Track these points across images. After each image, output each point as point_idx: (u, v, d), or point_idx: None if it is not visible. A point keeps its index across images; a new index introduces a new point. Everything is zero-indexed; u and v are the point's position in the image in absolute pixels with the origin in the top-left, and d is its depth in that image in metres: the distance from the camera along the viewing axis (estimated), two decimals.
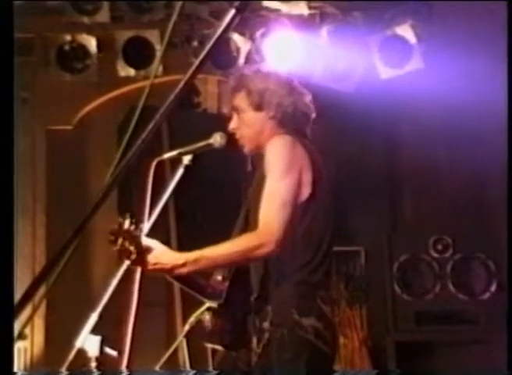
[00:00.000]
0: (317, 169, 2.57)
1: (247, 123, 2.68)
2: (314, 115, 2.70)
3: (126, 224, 2.43)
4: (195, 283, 2.68)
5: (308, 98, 2.70)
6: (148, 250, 2.46)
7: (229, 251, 2.46)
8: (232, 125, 2.72)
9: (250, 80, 2.67)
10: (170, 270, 2.47)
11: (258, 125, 2.66)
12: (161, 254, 2.48)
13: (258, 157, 2.72)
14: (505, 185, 3.73)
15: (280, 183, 2.49)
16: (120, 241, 2.42)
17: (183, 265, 2.44)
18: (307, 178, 2.53)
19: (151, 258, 2.46)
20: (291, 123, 2.64)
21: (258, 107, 2.65)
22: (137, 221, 2.48)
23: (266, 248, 2.42)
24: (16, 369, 4.66)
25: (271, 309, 2.51)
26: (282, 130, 2.63)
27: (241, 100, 2.67)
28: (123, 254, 2.43)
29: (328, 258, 2.59)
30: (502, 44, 3.74)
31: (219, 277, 2.62)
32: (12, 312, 1.50)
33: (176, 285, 4.08)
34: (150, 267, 2.47)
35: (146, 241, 2.49)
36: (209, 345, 2.67)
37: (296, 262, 2.53)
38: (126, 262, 2.49)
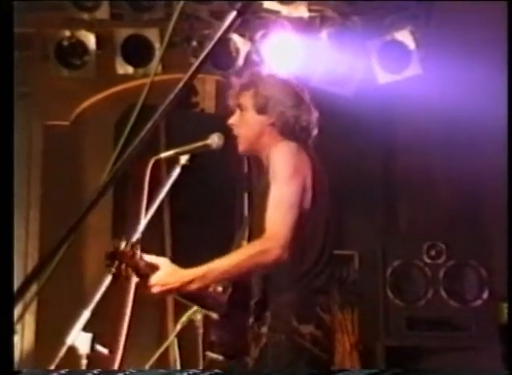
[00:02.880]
0: (318, 177, 2.58)
1: (247, 122, 2.68)
2: (316, 132, 2.70)
3: (122, 246, 2.38)
4: (196, 295, 2.65)
5: (314, 115, 2.69)
6: (152, 270, 2.42)
7: (237, 261, 2.44)
8: (233, 120, 2.72)
9: (261, 81, 2.68)
10: (179, 289, 2.45)
11: (258, 128, 2.66)
12: (167, 274, 2.44)
13: (258, 161, 2.72)
14: (500, 192, 3.73)
15: (286, 188, 2.49)
16: (116, 263, 2.39)
17: (192, 282, 2.42)
18: (309, 187, 2.54)
19: (158, 280, 2.42)
20: (290, 134, 2.63)
21: (261, 110, 2.66)
22: (135, 243, 2.43)
23: (274, 253, 2.41)
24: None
25: (270, 315, 2.51)
26: (281, 138, 2.63)
27: (247, 99, 2.68)
28: (121, 277, 2.39)
29: (329, 265, 2.59)
30: (500, 51, 3.75)
31: (220, 288, 2.60)
32: (12, 308, 1.50)
33: None
34: (158, 290, 2.43)
35: (151, 259, 2.45)
36: (211, 355, 2.66)
37: (298, 268, 2.53)
38: (131, 287, 2.42)
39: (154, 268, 2.44)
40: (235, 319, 2.60)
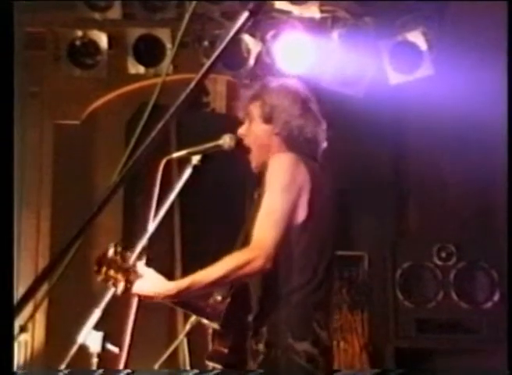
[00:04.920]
0: (317, 192, 2.53)
1: (255, 133, 2.69)
2: (325, 144, 2.68)
3: (110, 253, 2.39)
4: (194, 304, 2.66)
5: (322, 126, 2.68)
6: (138, 277, 2.42)
7: (221, 271, 2.41)
8: (242, 131, 2.73)
9: (268, 92, 2.68)
10: (163, 299, 2.46)
11: (265, 138, 2.66)
12: (151, 285, 2.44)
13: (261, 173, 2.72)
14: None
15: (277, 199, 2.46)
16: (104, 269, 2.40)
17: (177, 294, 2.42)
18: (305, 200, 2.50)
19: (142, 289, 2.43)
20: (296, 144, 2.62)
21: (267, 120, 2.65)
22: (126, 249, 2.43)
23: (256, 262, 2.38)
24: (15, 362, 4.66)
25: (266, 330, 2.49)
26: (288, 149, 2.62)
27: (255, 109, 2.68)
28: (108, 283, 2.40)
29: (328, 279, 2.56)
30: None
31: (219, 297, 2.59)
32: (12, 309, 1.50)
33: None
34: (142, 297, 2.46)
35: (140, 269, 2.45)
36: (210, 364, 2.65)
37: (294, 282, 2.50)
38: (117, 291, 2.42)
39: (138, 275, 2.43)
40: (233, 331, 2.59)
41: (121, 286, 2.40)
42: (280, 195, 2.47)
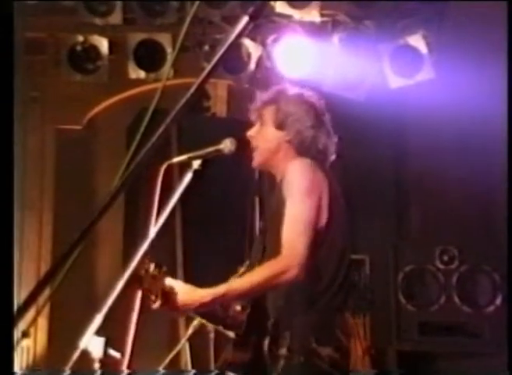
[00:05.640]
0: (334, 194, 2.57)
1: (265, 136, 2.70)
2: (333, 157, 2.70)
3: (151, 269, 2.42)
4: (215, 315, 2.65)
5: (333, 140, 2.70)
6: (172, 292, 2.44)
7: (256, 281, 2.44)
8: (252, 132, 2.74)
9: (284, 98, 2.69)
10: (198, 308, 2.46)
11: (275, 143, 2.67)
12: (186, 295, 2.45)
13: (271, 178, 2.72)
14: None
15: (302, 205, 2.48)
16: (146, 286, 2.42)
17: (212, 301, 2.43)
18: (325, 203, 2.53)
19: (178, 301, 2.44)
20: (306, 154, 2.63)
21: (280, 126, 2.67)
22: (160, 265, 2.46)
23: (291, 272, 2.40)
24: (17, 367, 4.66)
25: (289, 336, 2.49)
26: (298, 155, 2.63)
27: (268, 113, 2.69)
28: (147, 299, 2.43)
29: (346, 283, 2.58)
30: None
31: (238, 308, 2.59)
32: (12, 315, 1.50)
33: None
34: (178, 310, 2.45)
35: (169, 281, 2.47)
36: (230, 374, 2.65)
37: (318, 287, 2.52)
38: (154, 306, 2.45)
39: (171, 290, 2.45)
40: (252, 339, 2.59)
41: (158, 302, 2.42)
42: (304, 201, 2.48)
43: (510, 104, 3.55)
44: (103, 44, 4.82)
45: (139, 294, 2.63)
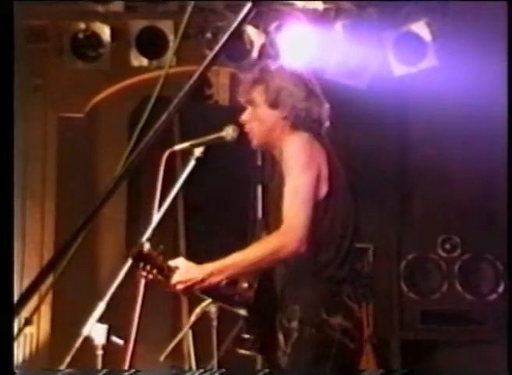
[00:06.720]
0: (333, 166, 2.57)
1: (259, 118, 2.67)
2: (327, 124, 2.69)
3: (146, 248, 2.42)
4: (222, 293, 2.65)
5: (325, 107, 2.68)
6: (174, 270, 2.45)
7: (256, 255, 2.45)
8: (244, 117, 2.71)
9: (271, 75, 2.66)
10: (201, 282, 2.46)
11: (270, 122, 2.65)
12: (188, 270, 2.47)
13: (271, 156, 2.71)
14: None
15: (300, 179, 2.48)
16: (141, 265, 2.43)
17: (212, 274, 2.44)
18: (325, 174, 2.53)
19: (181, 277, 2.45)
20: (303, 126, 2.62)
21: (273, 105, 2.64)
22: (157, 244, 2.46)
23: (292, 246, 2.41)
24: (20, 355, 4.68)
25: (299, 308, 2.50)
26: (293, 131, 2.62)
27: (258, 94, 2.66)
28: (147, 278, 2.44)
29: (351, 253, 2.59)
30: None
31: (245, 285, 2.60)
32: (12, 306, 1.50)
33: None
34: (182, 286, 2.46)
35: (171, 261, 2.48)
36: (242, 351, 2.66)
37: (321, 259, 2.52)
38: (158, 286, 2.47)
39: (174, 268, 2.46)
40: (262, 314, 2.59)
41: (159, 280, 2.44)
42: (303, 175, 2.48)
43: (510, 93, 3.54)
44: (105, 32, 4.80)
45: (142, 282, 2.63)
